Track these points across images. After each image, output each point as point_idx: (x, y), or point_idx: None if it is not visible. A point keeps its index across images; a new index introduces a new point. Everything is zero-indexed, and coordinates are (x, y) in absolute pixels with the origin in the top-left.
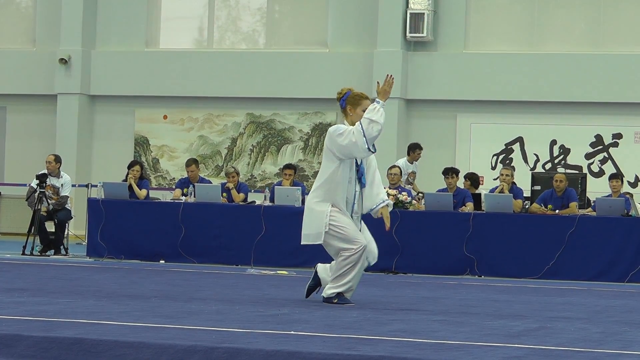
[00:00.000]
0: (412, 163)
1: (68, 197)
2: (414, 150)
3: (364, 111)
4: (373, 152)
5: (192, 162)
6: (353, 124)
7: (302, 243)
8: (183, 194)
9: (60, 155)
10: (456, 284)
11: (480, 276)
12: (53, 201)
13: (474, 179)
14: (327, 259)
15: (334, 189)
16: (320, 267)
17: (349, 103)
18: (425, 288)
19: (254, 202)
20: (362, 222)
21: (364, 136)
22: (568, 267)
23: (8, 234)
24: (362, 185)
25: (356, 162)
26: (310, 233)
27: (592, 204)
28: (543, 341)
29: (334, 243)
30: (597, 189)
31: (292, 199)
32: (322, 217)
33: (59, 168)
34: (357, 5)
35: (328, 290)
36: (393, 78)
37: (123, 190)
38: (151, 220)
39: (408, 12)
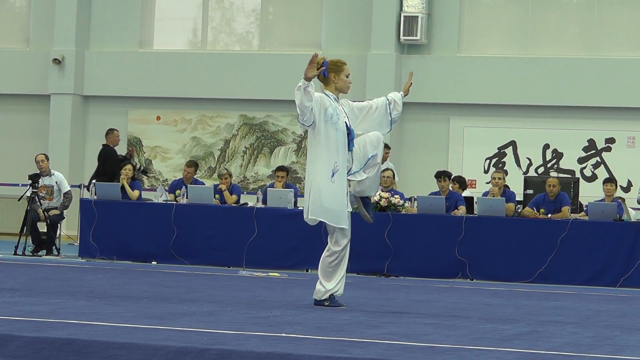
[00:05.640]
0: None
1: (70, 191)
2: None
3: (348, 77)
4: (302, 124)
5: (192, 164)
6: (339, 91)
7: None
8: (175, 195)
9: (47, 154)
10: (448, 287)
11: (472, 279)
12: (47, 201)
13: (461, 182)
14: (319, 261)
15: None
16: None
17: (332, 70)
18: (417, 291)
19: (247, 203)
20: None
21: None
22: (560, 271)
23: (0, 234)
24: (350, 149)
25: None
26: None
27: (585, 209)
28: (534, 345)
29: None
30: (589, 193)
31: (284, 201)
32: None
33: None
34: (351, 7)
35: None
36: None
37: (115, 191)
38: (143, 221)
39: (402, 15)
